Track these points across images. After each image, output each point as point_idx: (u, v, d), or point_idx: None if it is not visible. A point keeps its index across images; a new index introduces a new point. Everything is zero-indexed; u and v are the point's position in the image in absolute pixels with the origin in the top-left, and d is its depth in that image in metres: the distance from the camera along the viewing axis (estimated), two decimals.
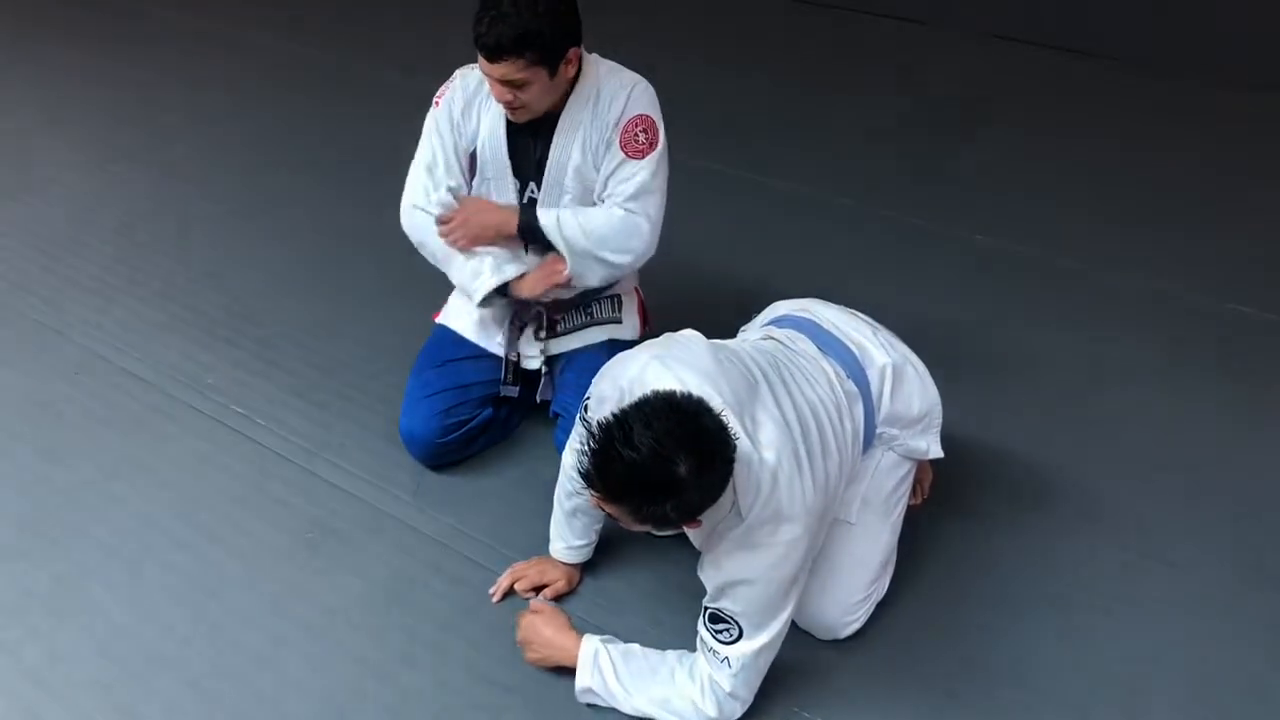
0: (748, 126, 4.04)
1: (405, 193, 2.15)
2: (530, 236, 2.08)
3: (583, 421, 1.65)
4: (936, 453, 1.94)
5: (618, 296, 2.29)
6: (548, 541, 1.98)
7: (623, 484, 1.41)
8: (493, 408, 2.28)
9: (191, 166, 3.66)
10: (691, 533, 1.62)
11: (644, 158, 2.02)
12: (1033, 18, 4.79)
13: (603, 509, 1.49)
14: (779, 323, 1.94)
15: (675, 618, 1.90)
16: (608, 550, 2.05)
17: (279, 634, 1.91)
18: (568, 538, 1.95)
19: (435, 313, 2.36)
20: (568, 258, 2.04)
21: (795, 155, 3.78)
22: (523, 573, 1.98)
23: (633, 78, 2.05)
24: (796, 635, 1.84)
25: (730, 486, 1.49)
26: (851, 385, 1.79)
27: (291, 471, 2.29)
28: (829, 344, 1.84)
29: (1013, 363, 2.67)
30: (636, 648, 1.77)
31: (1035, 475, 2.30)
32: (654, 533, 2.02)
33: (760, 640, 1.61)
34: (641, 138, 2.02)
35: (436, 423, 2.19)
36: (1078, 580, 2.05)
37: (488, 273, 2.09)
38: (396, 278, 2.89)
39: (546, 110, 2.01)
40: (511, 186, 2.11)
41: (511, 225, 2.08)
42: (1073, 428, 2.44)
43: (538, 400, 2.32)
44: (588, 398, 1.70)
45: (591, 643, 1.76)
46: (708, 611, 1.64)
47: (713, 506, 1.47)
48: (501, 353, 2.25)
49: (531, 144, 2.07)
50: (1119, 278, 3.03)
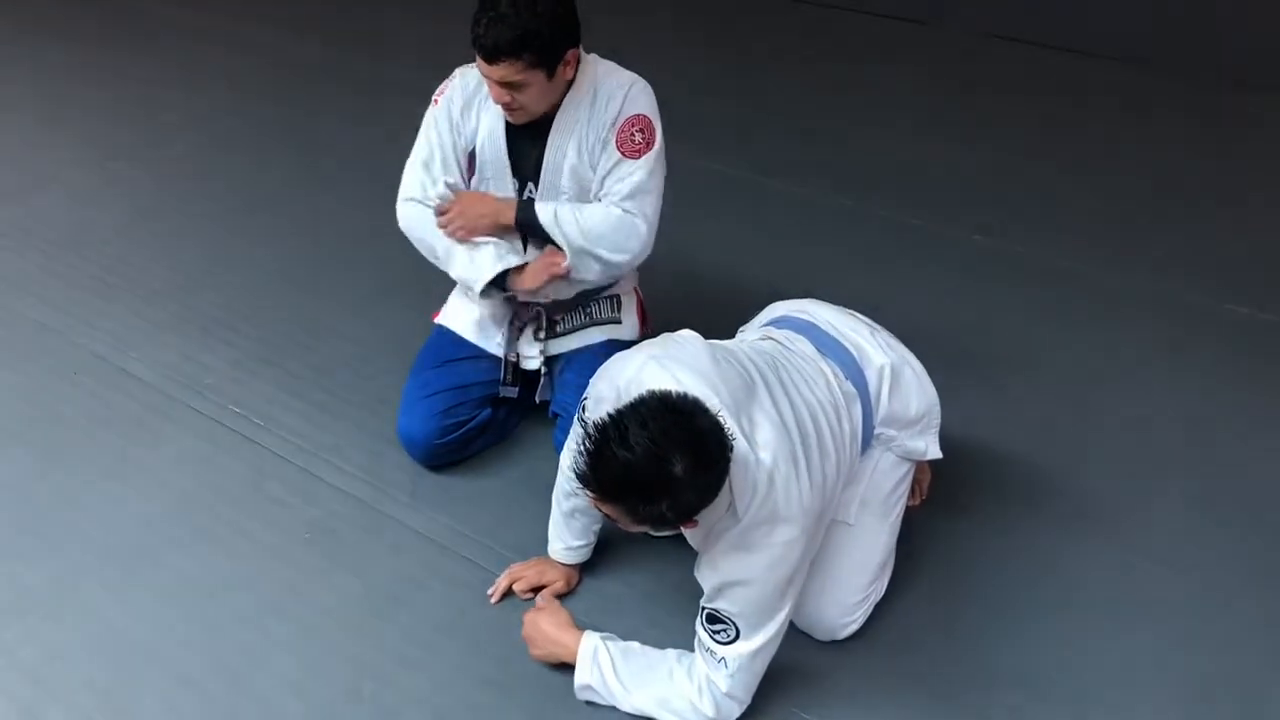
0: (748, 126, 4.04)
1: (401, 188, 2.15)
2: (528, 230, 2.08)
3: (580, 422, 1.64)
4: (935, 453, 1.94)
5: (617, 297, 2.29)
6: (546, 542, 1.98)
7: (618, 484, 1.41)
8: (492, 408, 2.27)
9: (191, 165, 3.66)
10: (689, 533, 1.62)
11: (640, 157, 2.02)
12: (1033, 18, 4.78)
13: (599, 509, 1.49)
14: (777, 324, 1.94)
15: (673, 619, 1.90)
16: (606, 551, 2.04)
17: (276, 634, 1.91)
18: (566, 538, 1.94)
19: (434, 313, 2.36)
20: (566, 251, 2.04)
21: (795, 155, 3.78)
22: (521, 574, 1.98)
23: (630, 77, 2.05)
24: (795, 636, 1.84)
25: (727, 487, 1.48)
26: (850, 386, 1.79)
27: (289, 472, 2.29)
28: (827, 345, 1.84)
29: (1012, 363, 2.67)
30: (636, 645, 1.77)
31: (1034, 475, 2.30)
32: (652, 533, 2.02)
33: (757, 641, 1.61)
34: (638, 137, 2.02)
35: (435, 423, 2.19)
36: (1077, 581, 2.05)
37: (488, 261, 2.08)
38: (396, 278, 2.89)
39: (545, 111, 2.01)
40: (511, 186, 2.11)
41: (508, 216, 2.07)
42: (1072, 428, 2.44)
43: (537, 401, 2.32)
44: (585, 398, 1.70)
45: (591, 640, 1.76)
46: (705, 612, 1.63)
47: (709, 507, 1.47)
48: (501, 353, 2.24)
49: (530, 144, 2.07)
50: (1119, 278, 3.02)
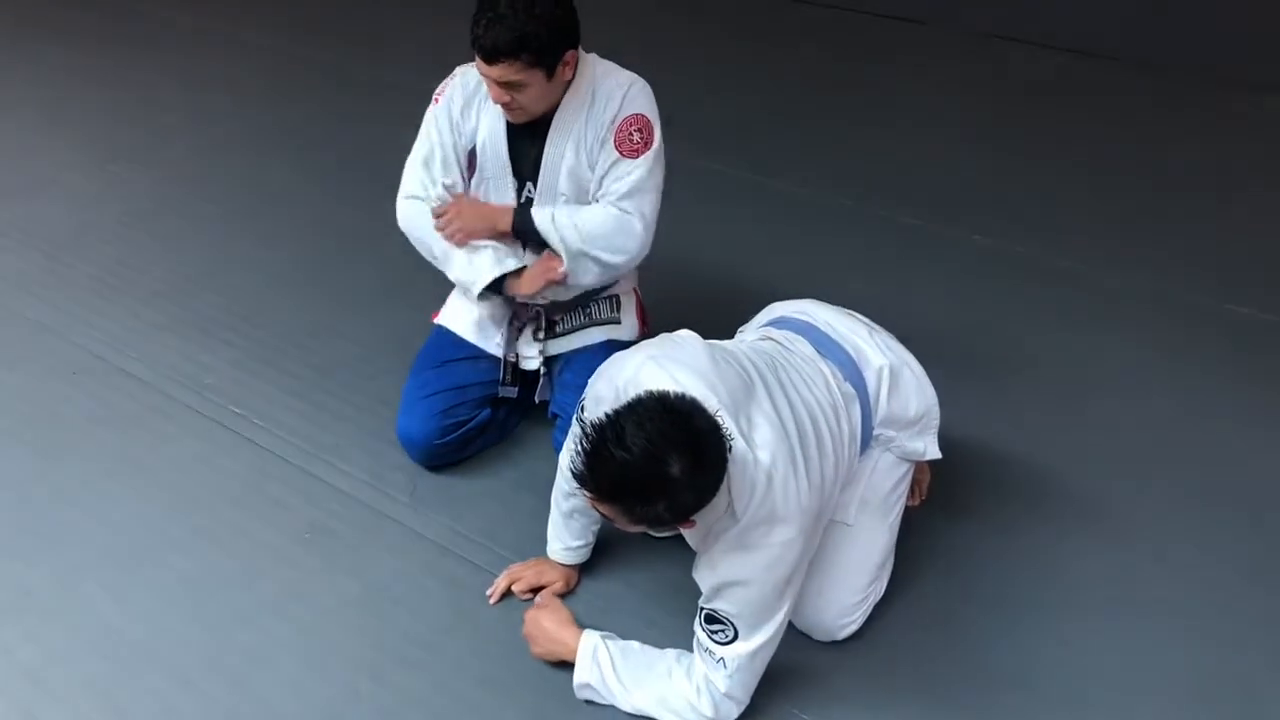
0: (748, 126, 4.04)
1: (401, 185, 2.15)
2: (525, 235, 2.08)
3: (579, 422, 1.64)
4: (934, 454, 1.94)
5: (616, 297, 2.29)
6: (545, 542, 1.98)
7: (615, 484, 1.41)
8: (491, 408, 2.27)
9: (191, 166, 3.66)
10: (687, 533, 1.62)
11: (638, 157, 2.02)
12: (1033, 18, 4.79)
13: (596, 509, 1.48)
14: (776, 324, 1.93)
15: (673, 619, 1.90)
16: (605, 551, 2.04)
17: (275, 635, 1.91)
18: (565, 539, 1.94)
19: (434, 313, 2.36)
20: (563, 255, 2.04)
21: (795, 155, 3.78)
22: (520, 574, 1.98)
23: (629, 77, 2.04)
24: (794, 636, 1.84)
25: (725, 487, 1.48)
26: (849, 387, 1.79)
27: (289, 472, 2.28)
28: (826, 346, 1.84)
29: (1012, 363, 2.67)
30: (635, 644, 1.77)
31: (1034, 476, 2.30)
32: (651, 534, 2.02)
33: (756, 641, 1.60)
34: (636, 137, 2.01)
35: (435, 423, 2.19)
36: (1076, 581, 2.04)
37: (487, 265, 2.08)
38: (395, 278, 2.89)
39: (544, 111, 2.01)
40: (510, 186, 2.11)
41: (505, 223, 2.08)
42: (1072, 428, 2.44)
43: (536, 401, 2.32)
44: (584, 398, 1.70)
45: (591, 638, 1.76)
46: (703, 612, 1.63)
47: (707, 507, 1.47)
48: (500, 353, 2.24)
49: (529, 143, 2.07)
50: (1119, 278, 3.02)
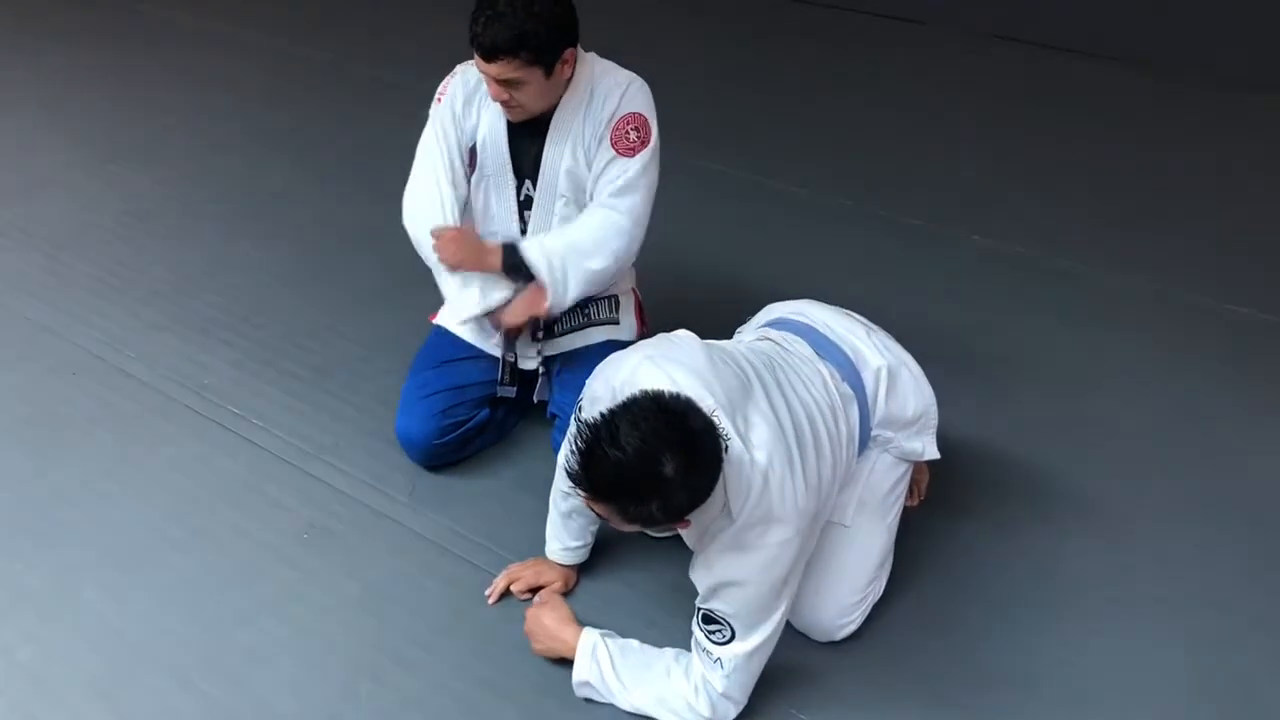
0: (748, 126, 4.04)
1: (411, 190, 2.14)
2: (516, 271, 2.07)
3: (576, 421, 1.64)
4: (932, 454, 1.94)
5: (615, 297, 2.28)
6: (544, 542, 1.98)
7: (609, 483, 1.41)
8: (490, 408, 2.27)
9: (191, 166, 3.66)
10: (684, 533, 1.61)
11: (634, 156, 2.02)
12: (1033, 18, 4.79)
13: (592, 509, 1.48)
14: (775, 325, 1.93)
15: (672, 619, 1.90)
16: (604, 551, 2.04)
17: (274, 634, 1.91)
18: (564, 539, 1.94)
19: (433, 314, 2.36)
20: (550, 289, 2.03)
21: (795, 155, 3.78)
22: (519, 574, 1.98)
23: (628, 76, 2.04)
24: (792, 637, 1.84)
25: (721, 487, 1.48)
26: (846, 388, 1.79)
27: (288, 472, 2.28)
28: (824, 347, 1.83)
29: (1011, 363, 2.67)
30: (635, 643, 1.77)
31: (1033, 476, 2.29)
32: (649, 534, 2.03)
33: (753, 641, 1.60)
34: (633, 135, 2.01)
35: (433, 423, 2.19)
36: (1074, 581, 2.04)
37: (473, 300, 2.09)
38: (395, 279, 2.89)
39: (543, 110, 2.01)
40: (510, 184, 2.11)
41: (494, 263, 2.06)
42: (1071, 428, 2.44)
43: (535, 401, 2.32)
44: (581, 398, 1.70)
45: (591, 636, 1.76)
46: (700, 612, 1.63)
47: (702, 507, 1.47)
48: (499, 353, 2.24)
49: (529, 142, 2.07)
50: (1119, 278, 3.02)
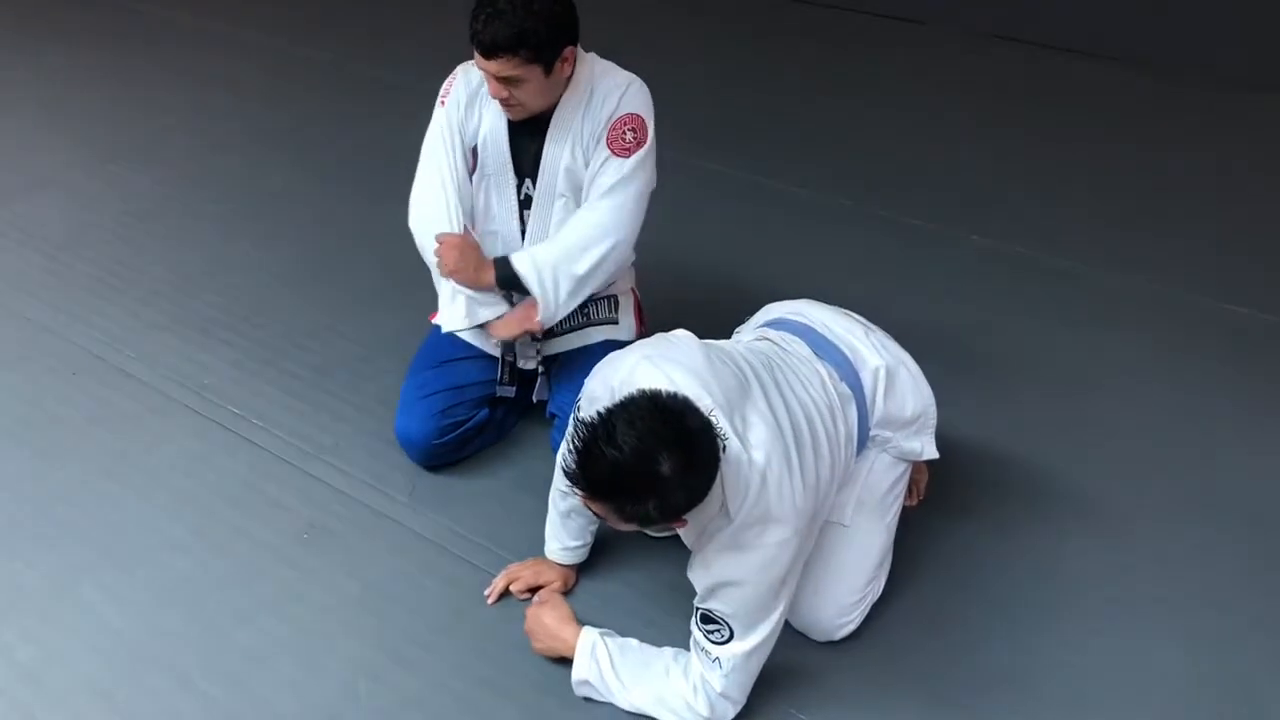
0: (748, 126, 4.04)
1: (417, 194, 2.14)
2: (510, 285, 2.07)
3: (574, 421, 1.64)
4: (931, 453, 1.94)
5: (614, 297, 2.28)
6: (543, 542, 1.98)
7: (606, 482, 1.41)
8: (489, 408, 2.27)
9: (191, 166, 3.66)
10: (681, 532, 1.61)
11: (629, 156, 2.02)
12: (1033, 18, 4.78)
13: (589, 508, 1.49)
14: (773, 325, 1.93)
15: (671, 618, 1.90)
16: (604, 551, 2.04)
17: (274, 634, 1.91)
18: (563, 538, 1.94)
19: (432, 313, 2.35)
20: (541, 304, 2.03)
21: (795, 155, 3.78)
22: (518, 574, 1.98)
23: (627, 77, 2.04)
24: (791, 636, 1.84)
25: (719, 487, 1.48)
26: (845, 388, 1.79)
27: (287, 472, 2.28)
28: (822, 347, 1.83)
29: (1011, 363, 2.67)
30: (634, 642, 1.77)
31: (1032, 476, 2.29)
32: (648, 534, 2.03)
33: (752, 641, 1.60)
34: (629, 136, 2.01)
35: (433, 423, 2.19)
36: (1073, 581, 2.04)
37: (460, 313, 2.09)
38: (395, 279, 2.89)
39: (543, 109, 2.01)
40: (511, 183, 2.11)
41: (488, 280, 2.07)
42: (1070, 429, 2.44)
43: (534, 401, 2.32)
44: (580, 397, 1.70)
45: (590, 635, 1.77)
46: (699, 612, 1.63)
47: (699, 506, 1.47)
48: (498, 353, 2.24)
49: (529, 141, 2.07)
50: (1118, 278, 3.02)
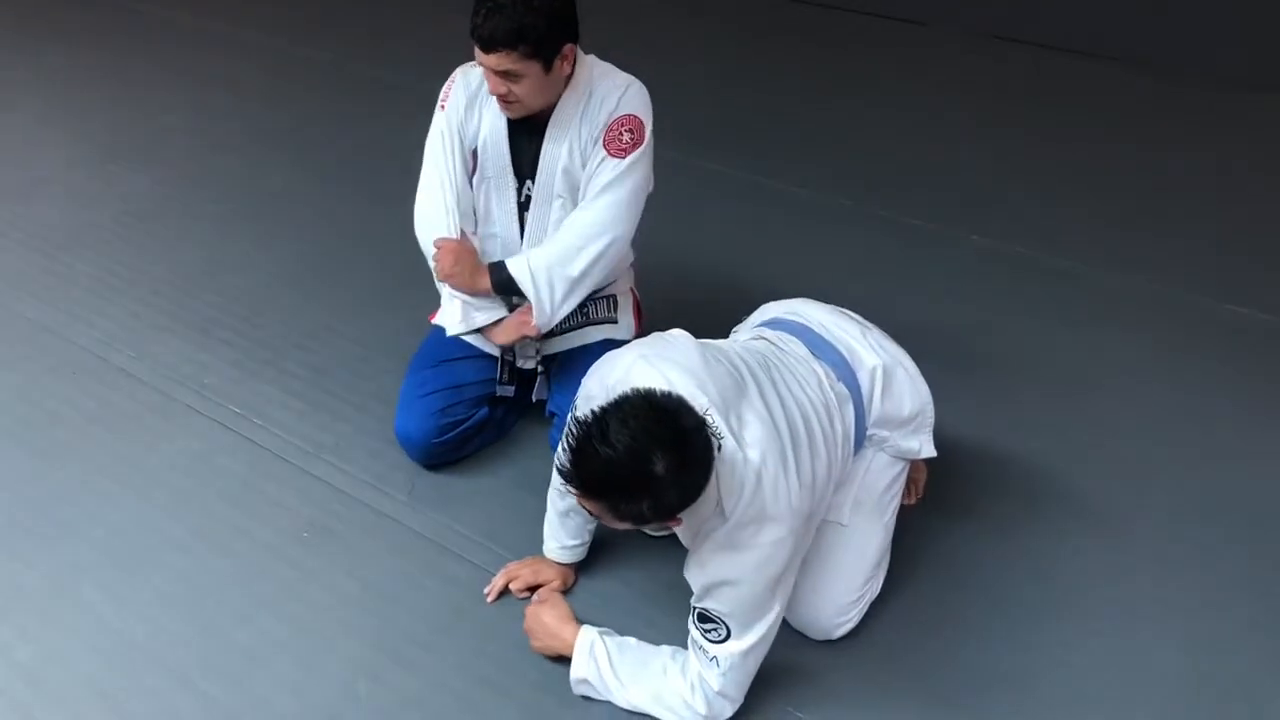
0: (748, 126, 4.04)
1: (420, 198, 2.15)
2: (507, 289, 2.08)
3: (570, 420, 1.65)
4: (929, 452, 1.94)
5: (613, 297, 2.28)
6: (542, 541, 1.98)
7: (600, 481, 1.41)
8: (488, 407, 2.28)
9: (191, 166, 3.66)
10: (678, 531, 1.62)
11: (625, 157, 2.02)
12: (1033, 18, 4.78)
13: (584, 506, 1.49)
14: (770, 325, 1.93)
15: (670, 618, 1.89)
16: (602, 550, 2.04)
17: (274, 634, 1.91)
18: (561, 537, 1.94)
19: (432, 313, 2.36)
20: (536, 309, 2.04)
21: (795, 155, 3.78)
22: (517, 573, 1.98)
23: (626, 79, 2.05)
24: (790, 635, 1.84)
25: (714, 486, 1.48)
26: (842, 387, 1.79)
27: (287, 471, 2.29)
28: (819, 347, 1.83)
29: (1011, 363, 2.67)
30: (632, 641, 1.78)
31: (1031, 476, 2.29)
32: (647, 533, 2.03)
33: (749, 640, 1.60)
34: (626, 137, 2.01)
35: (432, 422, 2.19)
36: (1074, 581, 2.04)
37: (456, 316, 2.11)
38: (395, 279, 2.89)
39: (542, 107, 2.01)
40: (510, 185, 2.11)
41: (484, 285, 2.08)
42: (1070, 428, 2.44)
43: (533, 400, 2.32)
44: (577, 396, 1.70)
45: (588, 634, 1.77)
46: (695, 611, 1.63)
47: (694, 505, 1.47)
48: (497, 353, 2.24)
49: (528, 142, 2.07)
50: (1118, 278, 3.02)
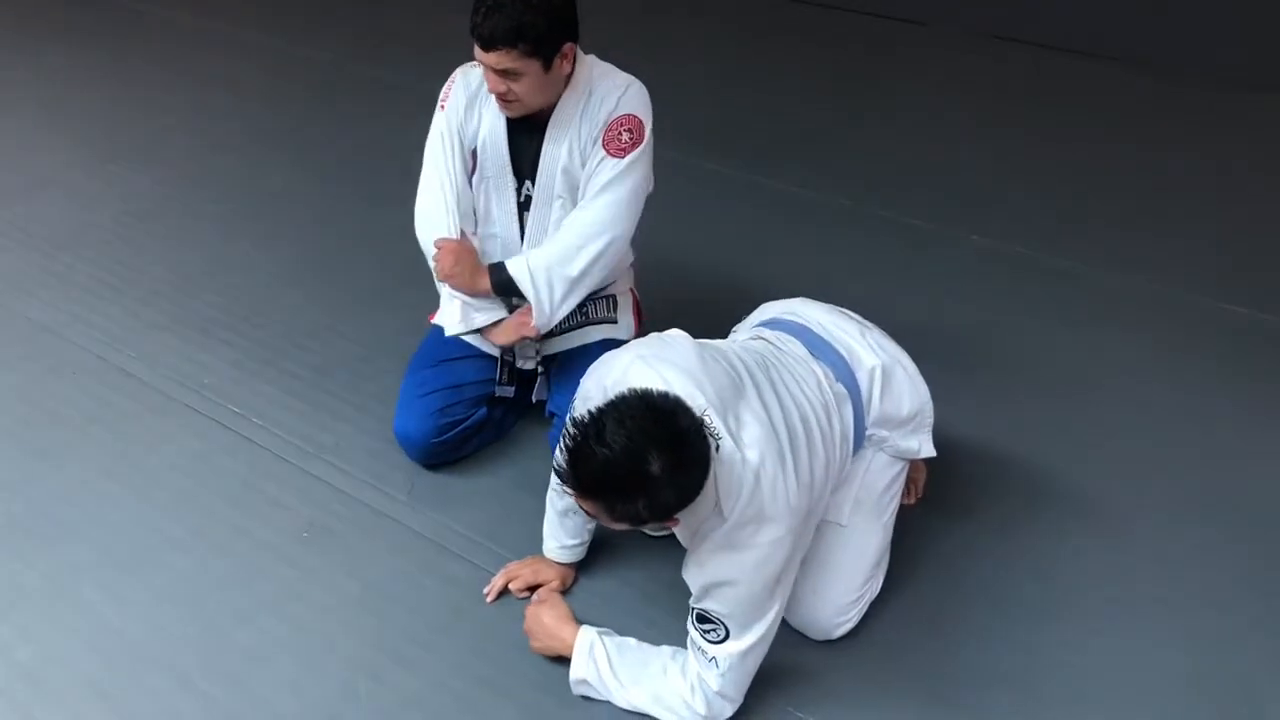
0: (748, 126, 4.04)
1: (420, 198, 2.15)
2: (507, 290, 2.08)
3: (568, 420, 1.65)
4: (928, 452, 1.93)
5: (613, 297, 2.28)
6: (542, 541, 1.98)
7: (595, 481, 1.41)
8: (488, 407, 2.28)
9: (191, 166, 3.66)
10: (677, 531, 1.62)
11: (625, 157, 2.02)
12: (1033, 18, 4.78)
13: (581, 506, 1.49)
14: (769, 325, 1.93)
15: (668, 618, 1.89)
16: (602, 550, 2.04)
17: (274, 634, 1.91)
18: (560, 537, 1.95)
19: (431, 313, 2.36)
20: (535, 310, 2.04)
21: (795, 155, 3.77)
22: (517, 572, 1.98)
23: (626, 79, 2.05)
24: (789, 635, 1.84)
25: (712, 486, 1.48)
26: (840, 387, 1.78)
27: (287, 471, 2.29)
28: (818, 347, 1.83)
29: (1011, 363, 2.67)
30: (632, 641, 1.78)
31: (1031, 475, 2.29)
32: (646, 532, 2.03)
33: (747, 641, 1.60)
34: (625, 137, 2.01)
35: (431, 422, 2.19)
36: (1073, 580, 2.04)
37: (455, 316, 2.11)
38: (395, 279, 2.89)
39: (541, 106, 2.01)
40: (510, 185, 2.11)
41: (484, 285, 2.08)
42: (1069, 428, 2.44)
43: (533, 400, 2.32)
44: (575, 397, 1.70)
45: (588, 634, 1.77)
46: (694, 612, 1.63)
47: (692, 506, 1.47)
48: (497, 353, 2.24)
49: (528, 142, 2.07)
50: (1118, 278, 3.02)
